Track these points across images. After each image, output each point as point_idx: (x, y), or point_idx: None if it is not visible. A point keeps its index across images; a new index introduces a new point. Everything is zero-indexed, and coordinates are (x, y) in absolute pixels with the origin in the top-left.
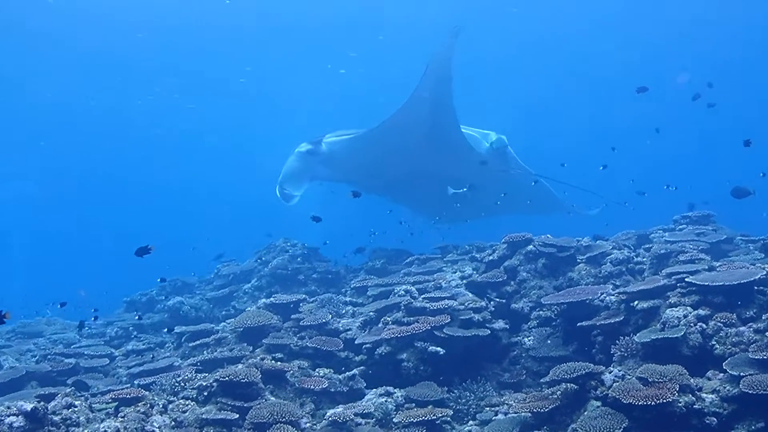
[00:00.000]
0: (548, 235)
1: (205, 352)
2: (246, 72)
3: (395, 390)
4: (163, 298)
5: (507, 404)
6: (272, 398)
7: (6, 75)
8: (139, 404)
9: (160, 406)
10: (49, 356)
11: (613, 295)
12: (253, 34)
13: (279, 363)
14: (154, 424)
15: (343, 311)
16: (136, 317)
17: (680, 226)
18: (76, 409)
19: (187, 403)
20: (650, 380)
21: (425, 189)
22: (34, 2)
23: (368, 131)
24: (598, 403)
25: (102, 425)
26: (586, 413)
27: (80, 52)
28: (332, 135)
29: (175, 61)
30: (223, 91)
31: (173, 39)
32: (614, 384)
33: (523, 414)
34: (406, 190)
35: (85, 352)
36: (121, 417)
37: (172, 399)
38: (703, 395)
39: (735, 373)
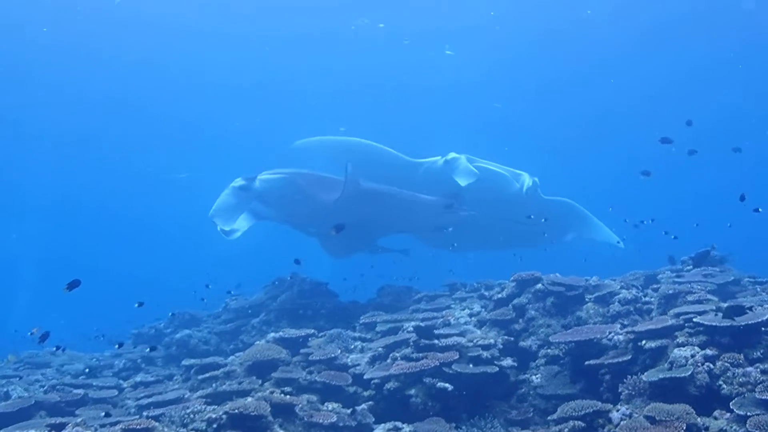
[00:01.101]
0: (557, 274)
1: (214, 384)
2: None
3: (403, 425)
4: (171, 330)
5: None
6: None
7: None
8: None
9: None
10: (57, 386)
11: (621, 334)
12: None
13: (288, 396)
14: None
15: (352, 346)
16: (148, 350)
17: (687, 267)
18: None
19: None
20: (657, 419)
21: (375, 233)
22: None
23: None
24: None
25: None
26: None
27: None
28: (268, 172)
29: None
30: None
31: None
32: (622, 422)
33: None
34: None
35: (94, 383)
36: None
37: (181, 430)
38: None
39: (742, 412)
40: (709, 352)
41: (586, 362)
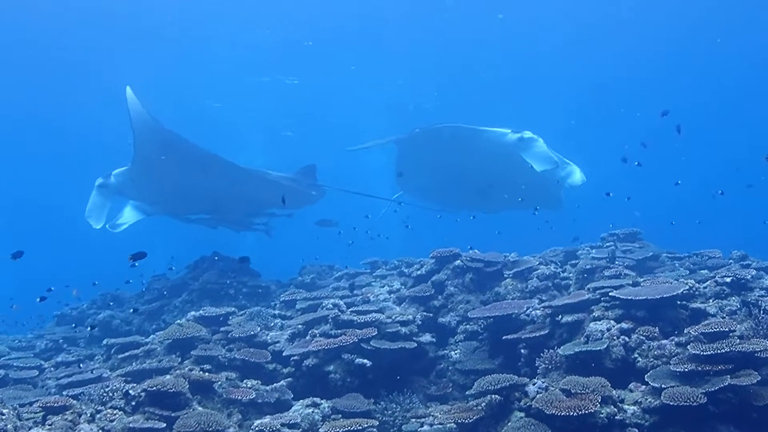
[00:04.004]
0: (476, 251)
1: (134, 363)
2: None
3: (322, 401)
4: (93, 311)
5: (433, 416)
6: (200, 408)
7: None
8: (67, 413)
9: (88, 415)
10: None
11: (539, 309)
12: None
13: (207, 374)
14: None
15: (272, 324)
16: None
17: (607, 244)
18: (3, 417)
19: (115, 412)
20: (573, 392)
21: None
22: None
23: (131, 166)
24: (522, 414)
25: None
26: (510, 424)
27: None
28: (120, 168)
29: None
30: None
31: None
32: (538, 395)
33: (448, 425)
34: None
35: (14, 364)
36: (49, 425)
37: (100, 408)
38: (625, 407)
39: (656, 385)
40: (624, 325)
41: (504, 337)
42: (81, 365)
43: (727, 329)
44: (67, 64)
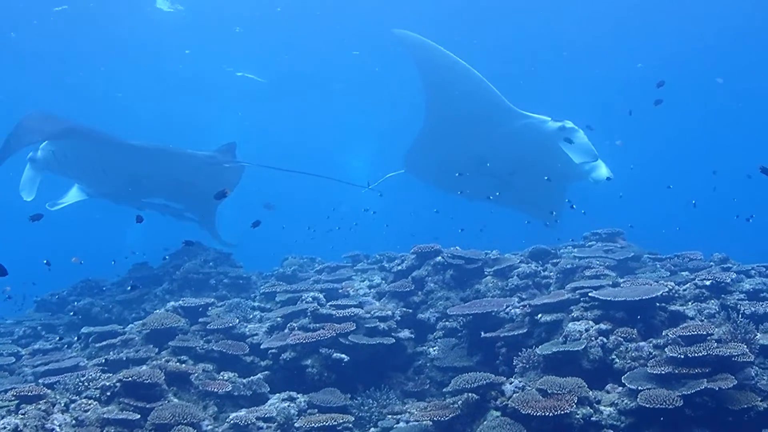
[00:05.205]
0: (457, 247)
1: (111, 352)
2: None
3: (298, 395)
4: (74, 298)
5: (409, 413)
6: (175, 400)
7: None
8: (41, 402)
9: (62, 404)
10: None
11: (518, 307)
12: None
13: (183, 365)
14: (55, 422)
15: (251, 316)
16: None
17: (590, 243)
18: None
19: (89, 402)
20: (549, 392)
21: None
22: None
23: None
24: (498, 413)
25: (1, 422)
26: (485, 423)
27: None
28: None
29: None
30: None
31: None
32: (514, 395)
33: (424, 422)
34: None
35: None
36: (22, 414)
37: (74, 398)
38: (602, 408)
39: (633, 387)
40: (603, 326)
41: (483, 335)
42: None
43: (705, 332)
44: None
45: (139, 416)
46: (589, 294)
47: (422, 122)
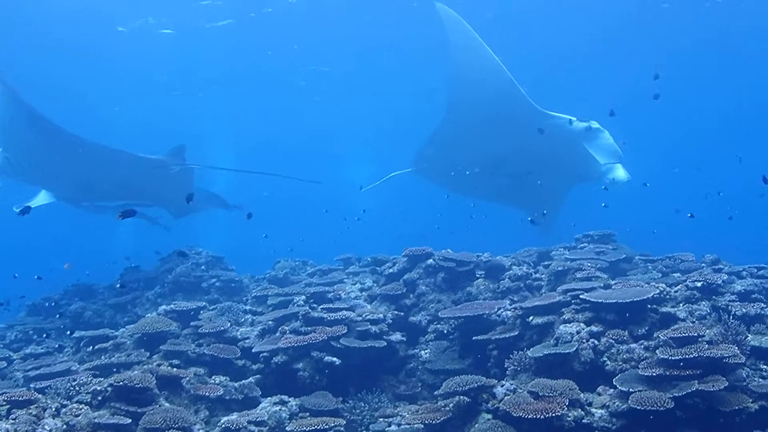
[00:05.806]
0: (448, 250)
1: (102, 357)
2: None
3: (290, 399)
4: (66, 302)
5: (400, 416)
6: (167, 404)
7: None
8: (32, 407)
9: (53, 409)
10: None
11: (510, 310)
12: None
13: (175, 369)
14: (46, 427)
15: (243, 319)
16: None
17: (581, 245)
18: None
19: (80, 407)
20: (541, 394)
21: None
22: None
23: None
24: (489, 416)
25: None
26: (476, 425)
27: None
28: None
29: None
30: None
31: None
32: (506, 397)
33: (415, 425)
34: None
35: None
36: (12, 419)
37: (65, 403)
38: (593, 410)
39: (624, 389)
40: (594, 328)
41: (475, 338)
42: (51, 359)
43: (696, 334)
44: None
45: (130, 421)
46: (581, 296)
47: (441, 119)
